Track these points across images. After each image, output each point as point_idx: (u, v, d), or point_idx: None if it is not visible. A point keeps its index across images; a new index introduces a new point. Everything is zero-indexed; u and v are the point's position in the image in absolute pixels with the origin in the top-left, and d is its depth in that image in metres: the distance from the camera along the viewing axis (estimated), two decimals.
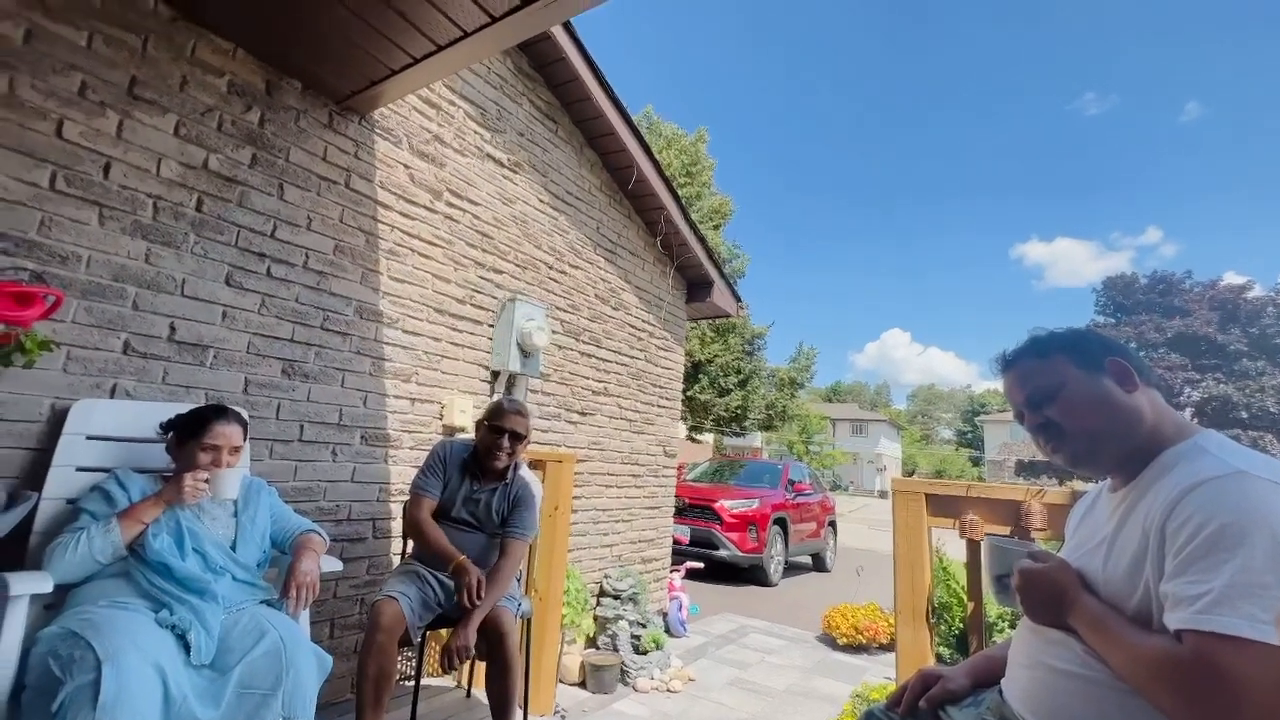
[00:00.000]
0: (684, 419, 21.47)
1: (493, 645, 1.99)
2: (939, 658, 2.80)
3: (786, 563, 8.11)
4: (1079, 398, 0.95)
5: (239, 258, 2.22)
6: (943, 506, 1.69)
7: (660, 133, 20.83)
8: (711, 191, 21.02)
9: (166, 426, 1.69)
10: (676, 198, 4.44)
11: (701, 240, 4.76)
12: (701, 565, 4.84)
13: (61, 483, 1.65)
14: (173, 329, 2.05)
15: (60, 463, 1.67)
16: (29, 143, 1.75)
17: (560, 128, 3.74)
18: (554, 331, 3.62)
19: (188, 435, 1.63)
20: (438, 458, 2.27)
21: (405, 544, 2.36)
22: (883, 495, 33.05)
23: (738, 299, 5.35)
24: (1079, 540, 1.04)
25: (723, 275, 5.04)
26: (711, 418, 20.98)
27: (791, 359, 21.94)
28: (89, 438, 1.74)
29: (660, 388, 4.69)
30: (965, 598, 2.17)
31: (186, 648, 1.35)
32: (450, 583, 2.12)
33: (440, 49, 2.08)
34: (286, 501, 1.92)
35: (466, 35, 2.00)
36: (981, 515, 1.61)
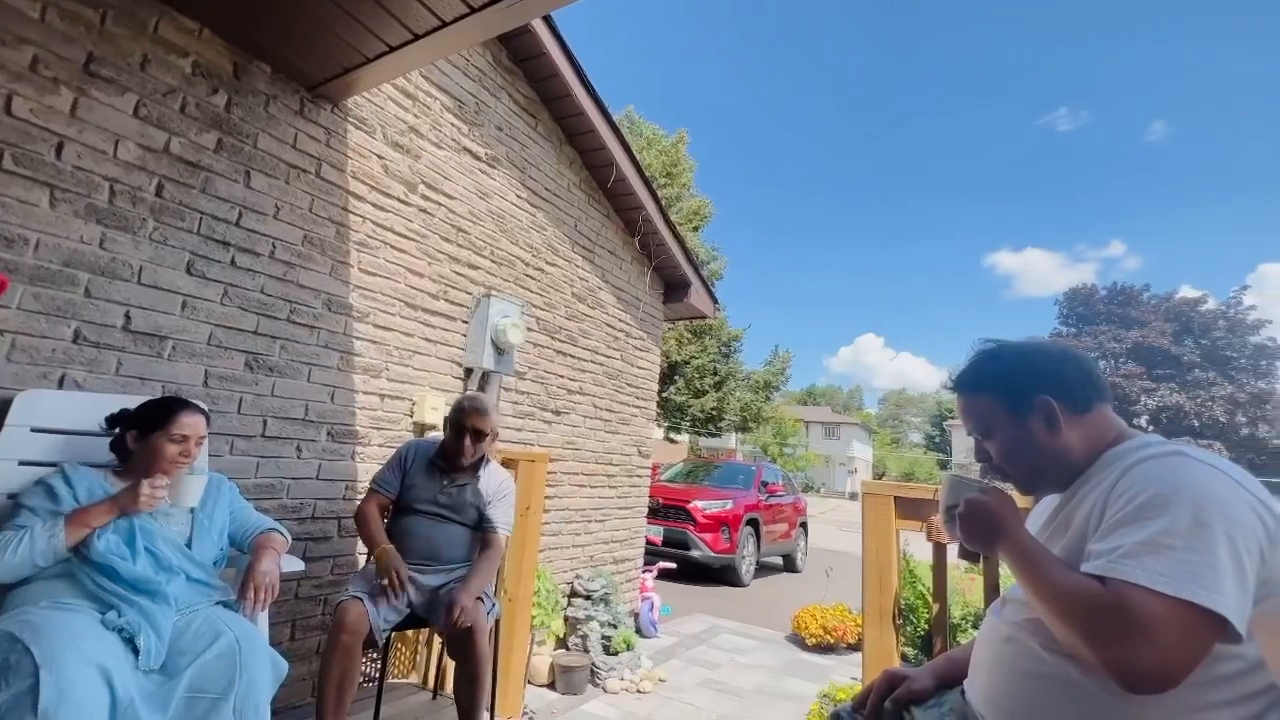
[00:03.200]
0: (660, 420, 21.53)
1: (464, 643, 1.96)
2: (904, 658, 2.84)
3: (758, 563, 8.18)
4: (1007, 441, 0.99)
5: (201, 246, 2.14)
6: (910, 509, 1.71)
7: (641, 133, 20.83)
8: (691, 193, 21.09)
9: (114, 421, 1.61)
10: (655, 198, 4.43)
11: (680, 241, 4.76)
12: (674, 566, 4.85)
13: (3, 477, 1.57)
14: (128, 318, 1.97)
15: (1, 456, 1.58)
16: None
17: (540, 123, 3.71)
18: (529, 329, 3.59)
19: (151, 427, 1.55)
20: (400, 456, 2.27)
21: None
22: (853, 497, 33.60)
23: (715, 301, 5.38)
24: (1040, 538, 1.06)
25: (700, 276, 5.05)
26: (687, 419, 21.06)
27: (767, 362, 22.15)
28: (34, 430, 1.65)
29: (636, 388, 4.68)
30: (931, 599, 2.21)
31: (135, 651, 1.29)
32: (422, 581, 2.08)
33: (417, 38, 2.04)
34: (247, 499, 1.86)
35: (445, 25, 1.96)
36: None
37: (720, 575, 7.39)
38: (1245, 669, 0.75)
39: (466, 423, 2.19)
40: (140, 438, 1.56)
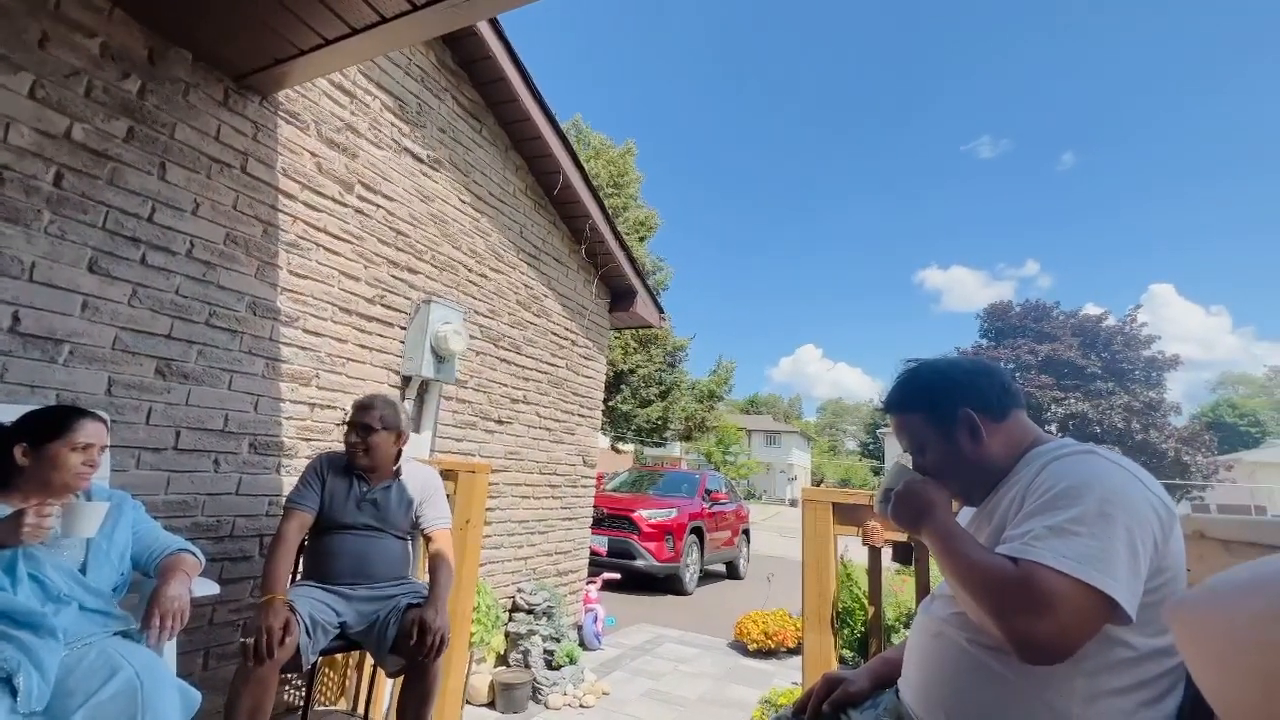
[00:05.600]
0: (606, 429, 21.46)
1: (424, 663, 1.87)
2: (842, 660, 2.92)
3: (702, 571, 8.25)
4: (939, 456, 1.05)
5: (106, 241, 1.97)
6: (847, 515, 1.77)
7: (589, 142, 20.87)
8: (639, 203, 21.28)
9: None
10: (602, 206, 4.43)
11: (626, 250, 4.78)
12: (618, 576, 4.82)
13: None
14: (16, 318, 1.78)
15: None
16: None
17: (485, 128, 3.64)
18: (472, 336, 3.49)
19: (46, 437, 1.40)
20: (313, 469, 2.13)
21: (299, 561, 2.16)
22: (793, 504, 34.53)
23: (660, 311, 5.42)
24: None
25: (646, 286, 5.08)
26: (633, 428, 21.10)
27: (711, 371, 22.53)
28: None
29: (581, 397, 4.64)
30: (867, 602, 2.28)
31: (14, 692, 1.15)
32: (356, 599, 1.97)
33: (355, 32, 1.96)
34: (156, 517, 1.70)
35: (384, 21, 1.90)
36: (882, 521, 1.71)
37: (665, 584, 7.40)
38: (1138, 656, 0.82)
39: (352, 418, 2.10)
40: (33, 450, 1.40)
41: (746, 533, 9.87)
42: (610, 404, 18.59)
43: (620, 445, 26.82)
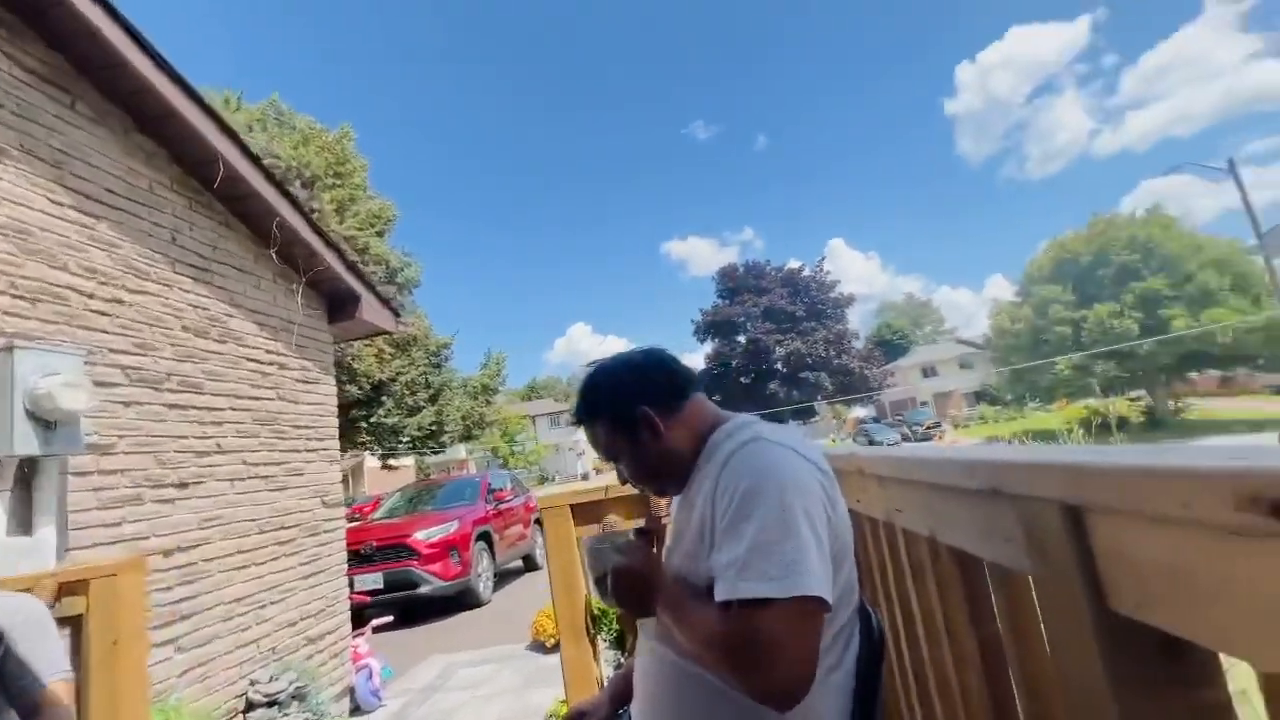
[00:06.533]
0: (372, 448, 19.21)
1: None
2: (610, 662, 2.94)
3: (497, 574, 7.93)
4: (630, 460, 1.02)
5: None
6: (587, 514, 1.69)
7: (294, 126, 17.91)
8: (369, 194, 19.10)
9: None
10: (292, 199, 3.71)
11: (336, 249, 4.11)
12: (390, 618, 4.25)
13: None
14: None
15: None
16: None
17: (80, 101, 2.69)
18: (110, 384, 2.61)
19: None
20: None
21: None
22: (585, 478, 35.72)
23: (396, 313, 4.84)
24: (673, 528, 1.09)
25: (371, 287, 4.47)
26: (405, 439, 19.32)
27: (482, 366, 21.70)
28: None
29: (307, 428, 3.91)
30: None
31: None
32: None
33: None
34: None
35: None
36: (622, 514, 1.67)
37: (458, 600, 6.92)
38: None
39: None
40: None
41: (539, 522, 9.75)
42: (372, 420, 16.69)
43: (393, 462, 24.48)
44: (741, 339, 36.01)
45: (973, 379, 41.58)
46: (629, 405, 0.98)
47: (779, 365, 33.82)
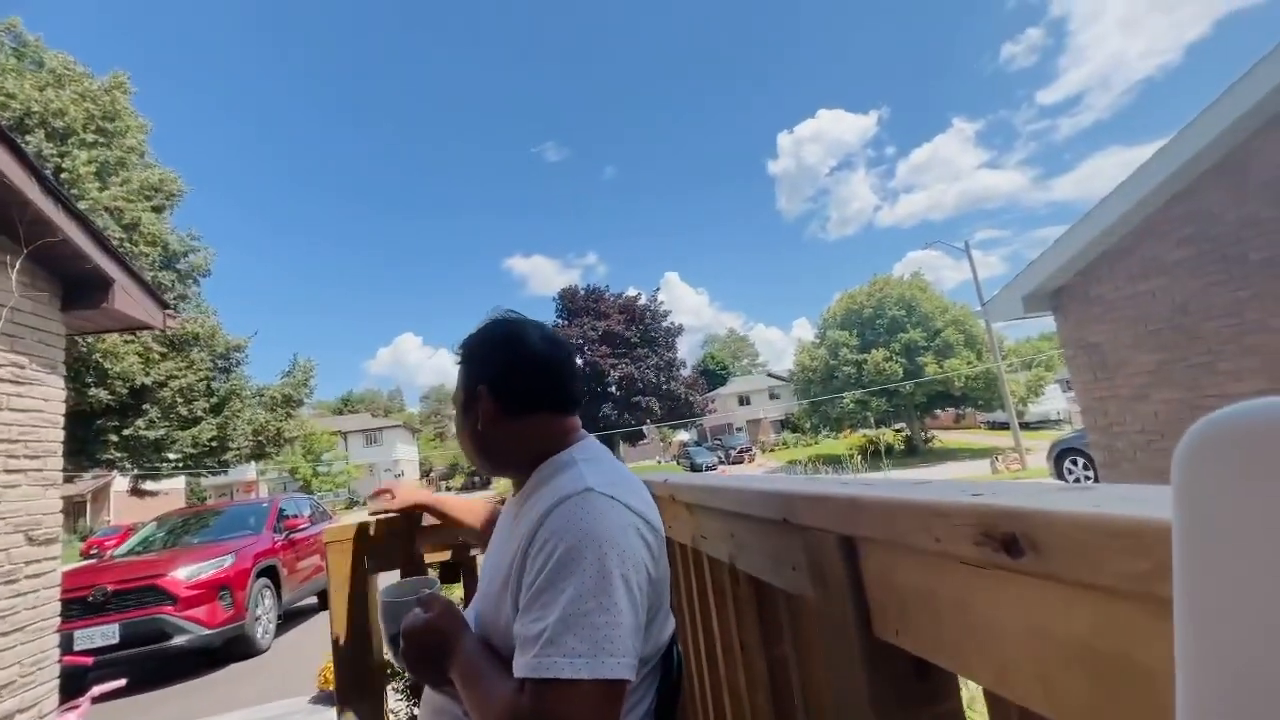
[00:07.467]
0: (124, 466, 15.62)
1: None
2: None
3: (284, 615, 6.87)
4: (458, 422, 0.97)
5: None
6: (385, 548, 1.45)
7: (40, 62, 14.34)
8: (146, 161, 15.91)
9: None
10: (20, 153, 2.91)
11: (83, 221, 3.30)
12: (122, 682, 3.37)
13: None
14: None
15: None
16: None
17: None
18: None
19: None
20: None
21: None
22: None
23: (164, 304, 4.01)
24: (488, 559, 1.00)
25: (131, 271, 3.66)
26: (174, 457, 16.06)
27: (286, 373, 18.93)
28: None
29: (16, 442, 3.03)
30: None
31: None
32: None
33: None
34: None
35: None
36: (428, 547, 1.49)
37: (227, 651, 5.82)
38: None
39: None
40: None
41: None
42: (125, 432, 13.64)
43: (153, 485, 20.29)
44: (579, 361, 36.43)
45: (779, 408, 46.83)
46: (479, 376, 0.93)
47: (613, 388, 34.80)
